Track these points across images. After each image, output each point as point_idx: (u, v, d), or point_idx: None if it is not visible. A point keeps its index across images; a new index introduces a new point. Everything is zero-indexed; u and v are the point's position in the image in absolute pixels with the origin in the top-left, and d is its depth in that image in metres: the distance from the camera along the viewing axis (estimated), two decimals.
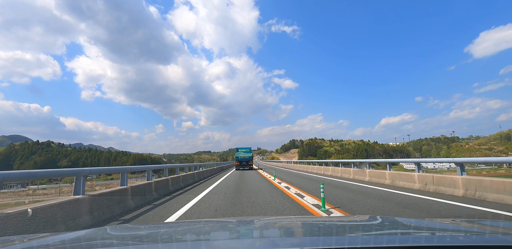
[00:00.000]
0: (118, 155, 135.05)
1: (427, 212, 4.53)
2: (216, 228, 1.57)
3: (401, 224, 1.44)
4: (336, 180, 11.42)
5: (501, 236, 1.05)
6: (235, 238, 1.26)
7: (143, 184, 6.45)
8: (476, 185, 5.70)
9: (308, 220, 2.07)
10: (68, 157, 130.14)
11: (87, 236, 1.24)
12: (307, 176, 14.22)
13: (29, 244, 1.07)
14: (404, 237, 1.09)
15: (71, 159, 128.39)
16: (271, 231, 1.46)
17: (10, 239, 1.21)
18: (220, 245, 1.05)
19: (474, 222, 1.43)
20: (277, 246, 0.93)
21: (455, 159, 6.36)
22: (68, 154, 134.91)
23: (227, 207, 5.30)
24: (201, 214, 4.71)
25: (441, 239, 1.00)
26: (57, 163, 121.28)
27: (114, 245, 1.07)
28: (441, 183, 6.65)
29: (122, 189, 5.34)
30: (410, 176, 7.98)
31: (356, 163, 12.61)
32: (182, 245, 1.01)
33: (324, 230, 1.31)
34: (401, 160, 10.67)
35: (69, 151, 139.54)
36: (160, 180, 7.72)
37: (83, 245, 1.02)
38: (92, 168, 4.61)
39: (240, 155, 26.74)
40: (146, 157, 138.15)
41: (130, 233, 1.39)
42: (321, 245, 0.86)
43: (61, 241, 1.14)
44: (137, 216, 4.60)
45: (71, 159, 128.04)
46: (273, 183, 10.21)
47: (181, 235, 1.28)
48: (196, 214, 4.67)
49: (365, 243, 0.91)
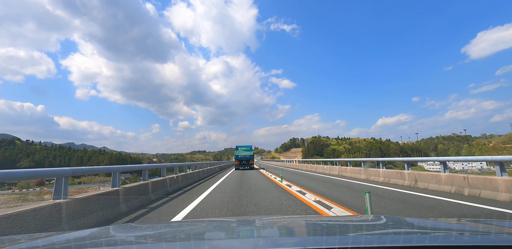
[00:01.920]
0: (93, 154, 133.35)
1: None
2: (219, 227, 1.70)
3: (406, 224, 1.54)
4: (365, 185, 10.01)
5: (506, 236, 1.12)
6: (238, 237, 1.35)
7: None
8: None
9: (311, 219, 2.22)
10: (31, 156, 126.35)
11: (91, 235, 1.38)
12: (322, 178, 13.42)
13: (34, 243, 1.18)
14: (408, 236, 1.17)
15: (34, 158, 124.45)
16: (274, 230, 1.56)
17: (15, 238, 1.34)
18: (223, 244, 1.14)
19: (479, 222, 1.51)
20: (280, 245, 1.01)
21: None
22: (33, 153, 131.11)
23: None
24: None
25: (446, 239, 1.06)
26: (17, 163, 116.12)
27: (118, 244, 1.17)
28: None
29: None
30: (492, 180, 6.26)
31: (397, 162, 12.05)
32: (185, 244, 1.10)
33: (328, 229, 1.42)
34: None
35: (37, 149, 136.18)
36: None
37: (87, 243, 1.15)
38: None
39: (240, 153, 26.80)
40: (125, 157, 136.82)
41: (133, 233, 1.53)
42: (325, 244, 0.92)
43: (65, 240, 1.27)
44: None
45: (34, 159, 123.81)
46: (290, 192, 8.04)
47: (184, 235, 1.38)
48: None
49: (369, 242, 0.97)
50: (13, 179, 3.58)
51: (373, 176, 11.79)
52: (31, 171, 3.80)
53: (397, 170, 10.31)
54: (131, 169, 7.11)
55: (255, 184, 11.09)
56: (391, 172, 10.52)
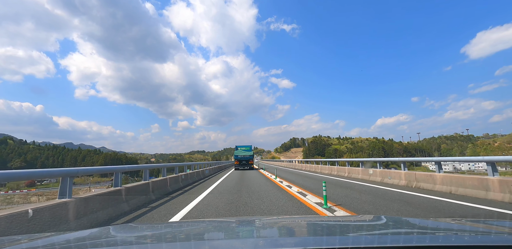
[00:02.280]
0: (88, 154, 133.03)
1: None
2: (219, 227, 1.74)
3: (406, 224, 1.57)
4: (374, 186, 9.37)
5: (507, 236, 1.15)
6: (238, 237, 1.39)
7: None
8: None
9: (311, 219, 2.27)
10: (23, 156, 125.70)
11: (91, 235, 1.42)
12: (330, 180, 12.48)
13: (34, 243, 1.21)
14: (408, 236, 1.21)
15: (26, 158, 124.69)
16: (274, 230, 1.60)
17: (15, 238, 1.35)
18: (223, 244, 1.17)
19: (479, 222, 1.55)
20: (280, 245, 1.04)
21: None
22: (25, 152, 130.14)
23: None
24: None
25: (446, 239, 1.09)
26: (8, 163, 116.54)
27: (118, 245, 1.20)
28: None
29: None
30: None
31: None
32: (185, 244, 1.13)
33: (328, 229, 1.46)
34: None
35: (30, 149, 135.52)
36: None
37: (87, 244, 1.17)
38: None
39: (240, 153, 27.30)
40: (121, 157, 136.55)
41: (133, 233, 1.56)
42: (325, 244, 0.95)
43: (65, 240, 1.30)
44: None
45: (26, 159, 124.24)
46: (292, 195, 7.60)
47: (184, 235, 1.43)
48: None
49: (369, 242, 1.00)
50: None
51: (394, 179, 10.36)
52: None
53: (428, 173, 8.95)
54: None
55: (256, 186, 11.30)
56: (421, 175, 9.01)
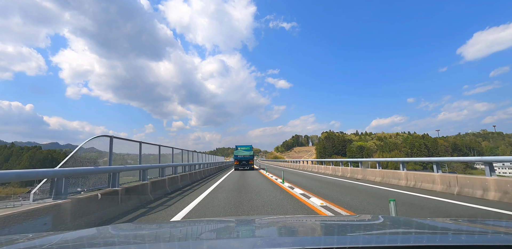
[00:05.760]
0: (17, 153, 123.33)
1: None
2: (217, 227, 1.93)
3: (404, 224, 1.71)
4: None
5: (503, 235, 1.28)
6: (236, 237, 1.54)
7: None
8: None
9: (310, 219, 2.45)
10: None
11: (90, 235, 1.55)
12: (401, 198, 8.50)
13: (32, 243, 1.31)
14: (406, 236, 1.33)
15: None
16: (272, 230, 1.74)
17: (12, 238, 1.46)
18: (222, 244, 1.27)
19: (476, 222, 1.69)
20: (278, 245, 1.13)
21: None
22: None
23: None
24: None
25: (443, 239, 1.18)
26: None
27: (116, 244, 1.30)
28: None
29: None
30: None
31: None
32: (184, 244, 1.25)
33: (326, 229, 1.61)
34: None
35: None
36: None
37: (85, 243, 1.29)
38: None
39: (240, 153, 29.09)
40: (58, 155, 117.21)
41: (132, 232, 1.69)
42: (323, 244, 1.05)
43: (63, 240, 1.40)
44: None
45: None
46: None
47: (183, 234, 1.56)
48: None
49: (367, 242, 1.09)
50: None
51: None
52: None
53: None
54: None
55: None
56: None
